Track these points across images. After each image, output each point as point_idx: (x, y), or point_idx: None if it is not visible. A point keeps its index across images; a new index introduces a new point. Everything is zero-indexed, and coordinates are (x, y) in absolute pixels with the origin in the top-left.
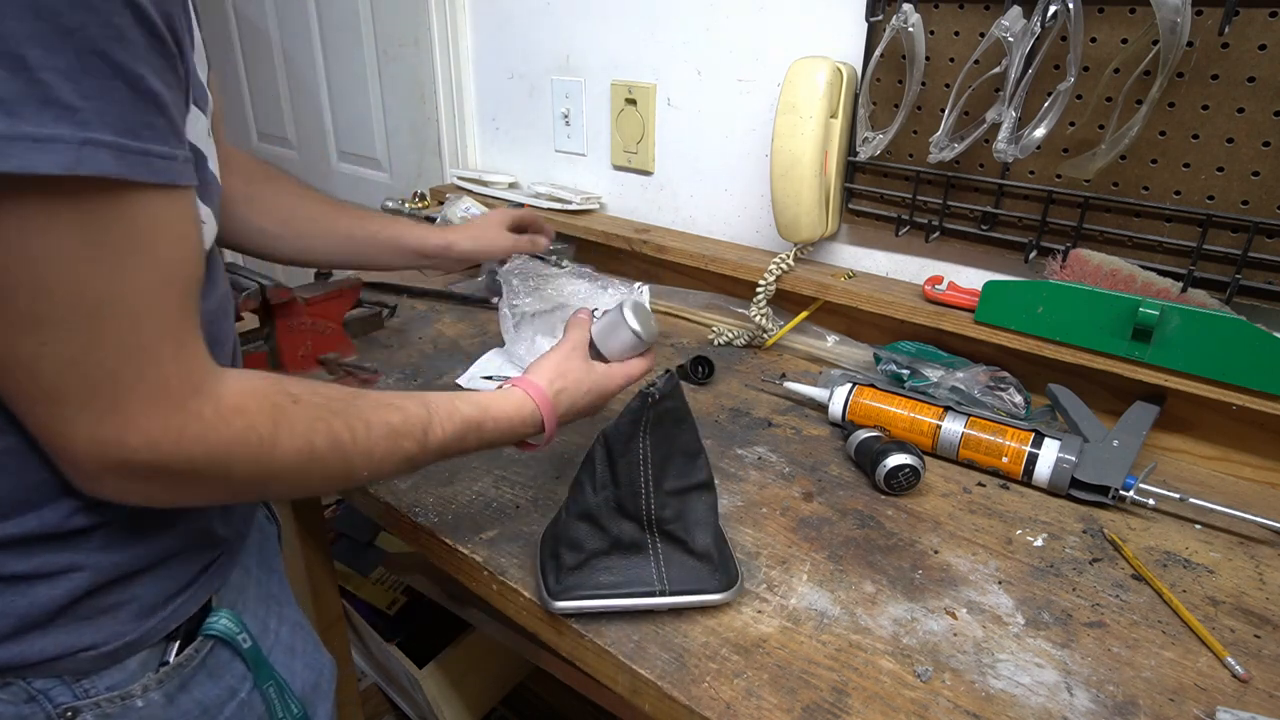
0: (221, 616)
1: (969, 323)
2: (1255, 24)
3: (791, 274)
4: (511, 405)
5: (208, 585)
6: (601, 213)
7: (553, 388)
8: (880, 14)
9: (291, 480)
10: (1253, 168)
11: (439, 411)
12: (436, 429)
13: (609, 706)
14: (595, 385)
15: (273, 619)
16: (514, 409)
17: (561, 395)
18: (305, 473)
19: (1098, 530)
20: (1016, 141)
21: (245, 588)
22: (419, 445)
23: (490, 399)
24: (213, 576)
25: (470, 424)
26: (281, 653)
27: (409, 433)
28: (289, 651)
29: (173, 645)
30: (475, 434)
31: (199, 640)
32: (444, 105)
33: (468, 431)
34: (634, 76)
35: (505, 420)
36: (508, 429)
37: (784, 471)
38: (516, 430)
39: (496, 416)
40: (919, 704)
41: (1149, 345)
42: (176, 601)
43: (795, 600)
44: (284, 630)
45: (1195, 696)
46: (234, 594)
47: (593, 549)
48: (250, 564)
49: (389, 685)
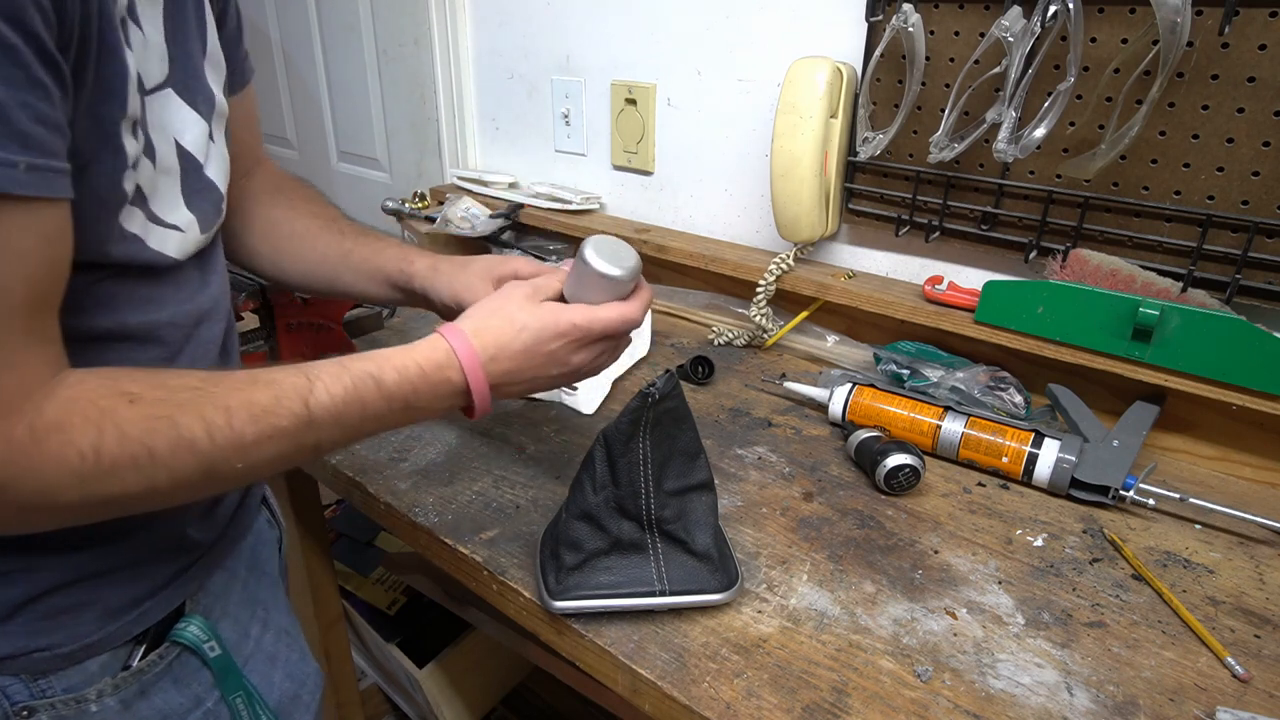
0: (191, 623)
1: (969, 323)
2: (1255, 24)
3: (791, 274)
4: (420, 352)
5: (181, 590)
6: (601, 213)
7: (475, 326)
8: (880, 14)
9: (138, 493)
10: (1253, 168)
11: (324, 375)
12: (321, 394)
13: (609, 706)
14: (538, 324)
15: (256, 625)
16: (423, 355)
17: (486, 335)
18: (151, 482)
19: (1098, 530)
20: (1016, 141)
21: (229, 592)
22: (300, 420)
23: (391, 350)
24: (187, 581)
25: (363, 378)
26: (261, 661)
27: (285, 409)
28: (269, 660)
29: (139, 649)
30: (375, 391)
31: (164, 646)
32: (444, 105)
33: (362, 389)
34: (634, 76)
35: (411, 369)
36: (418, 378)
37: (784, 471)
38: (431, 379)
39: (398, 365)
40: (919, 704)
41: (1149, 345)
42: (144, 605)
43: (795, 600)
44: (267, 637)
45: (1195, 696)
46: (212, 599)
47: (593, 549)
48: (239, 568)
49: (389, 685)
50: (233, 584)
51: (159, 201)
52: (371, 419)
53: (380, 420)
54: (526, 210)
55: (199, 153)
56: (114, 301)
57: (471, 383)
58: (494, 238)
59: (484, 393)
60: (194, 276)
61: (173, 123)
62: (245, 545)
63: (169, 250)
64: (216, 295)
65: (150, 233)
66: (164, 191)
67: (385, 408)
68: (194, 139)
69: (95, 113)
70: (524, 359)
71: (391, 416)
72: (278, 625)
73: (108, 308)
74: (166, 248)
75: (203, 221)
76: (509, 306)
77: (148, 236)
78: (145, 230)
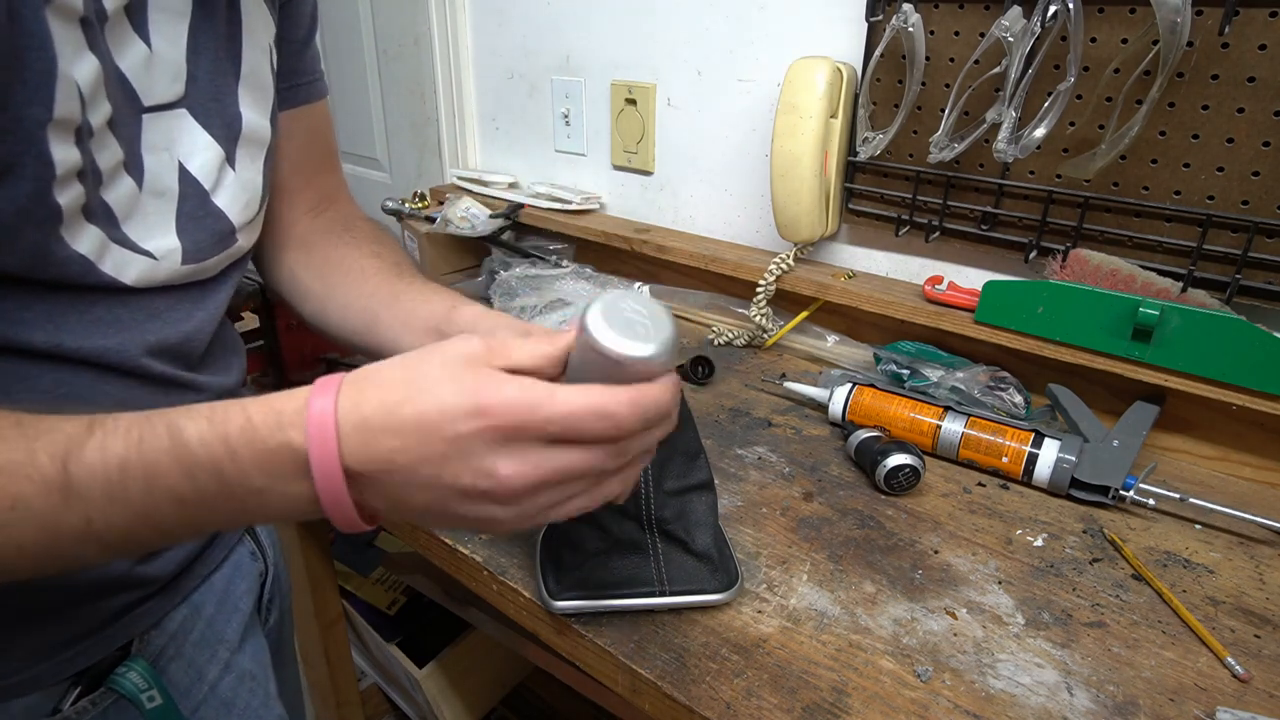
0: (132, 668)
1: (969, 323)
2: (1255, 24)
3: (791, 274)
4: (261, 401)
5: (126, 628)
6: (601, 213)
7: (360, 374)
8: (880, 14)
9: None
10: (1253, 168)
11: (117, 426)
12: (92, 453)
13: (609, 706)
14: (450, 388)
15: (214, 668)
16: (262, 405)
17: (368, 387)
18: None
19: (1098, 530)
20: (1016, 141)
21: (188, 631)
22: (51, 488)
23: (241, 402)
24: (137, 618)
25: (157, 432)
26: (213, 708)
27: (35, 470)
28: (224, 707)
29: (73, 692)
30: (168, 452)
31: (99, 692)
32: (444, 105)
33: (152, 448)
34: (634, 76)
35: (233, 421)
36: (240, 435)
37: (784, 471)
38: (261, 441)
39: (214, 415)
40: (919, 704)
41: (1149, 345)
42: (81, 645)
43: (795, 600)
44: (226, 681)
45: (1195, 696)
46: (166, 638)
47: (593, 549)
48: (206, 604)
49: (389, 685)
50: (194, 621)
51: (137, 224)
52: (165, 498)
53: (182, 504)
54: (526, 210)
55: (206, 178)
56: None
57: (313, 456)
58: (494, 238)
59: (333, 476)
60: (217, 291)
61: (180, 144)
62: (218, 578)
63: (125, 277)
64: (189, 331)
65: (107, 255)
66: (149, 214)
67: (184, 482)
68: (203, 163)
69: (15, 113)
70: (415, 441)
71: (198, 500)
72: (240, 668)
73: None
74: (124, 274)
75: (193, 251)
76: (430, 359)
77: (101, 259)
78: (100, 252)
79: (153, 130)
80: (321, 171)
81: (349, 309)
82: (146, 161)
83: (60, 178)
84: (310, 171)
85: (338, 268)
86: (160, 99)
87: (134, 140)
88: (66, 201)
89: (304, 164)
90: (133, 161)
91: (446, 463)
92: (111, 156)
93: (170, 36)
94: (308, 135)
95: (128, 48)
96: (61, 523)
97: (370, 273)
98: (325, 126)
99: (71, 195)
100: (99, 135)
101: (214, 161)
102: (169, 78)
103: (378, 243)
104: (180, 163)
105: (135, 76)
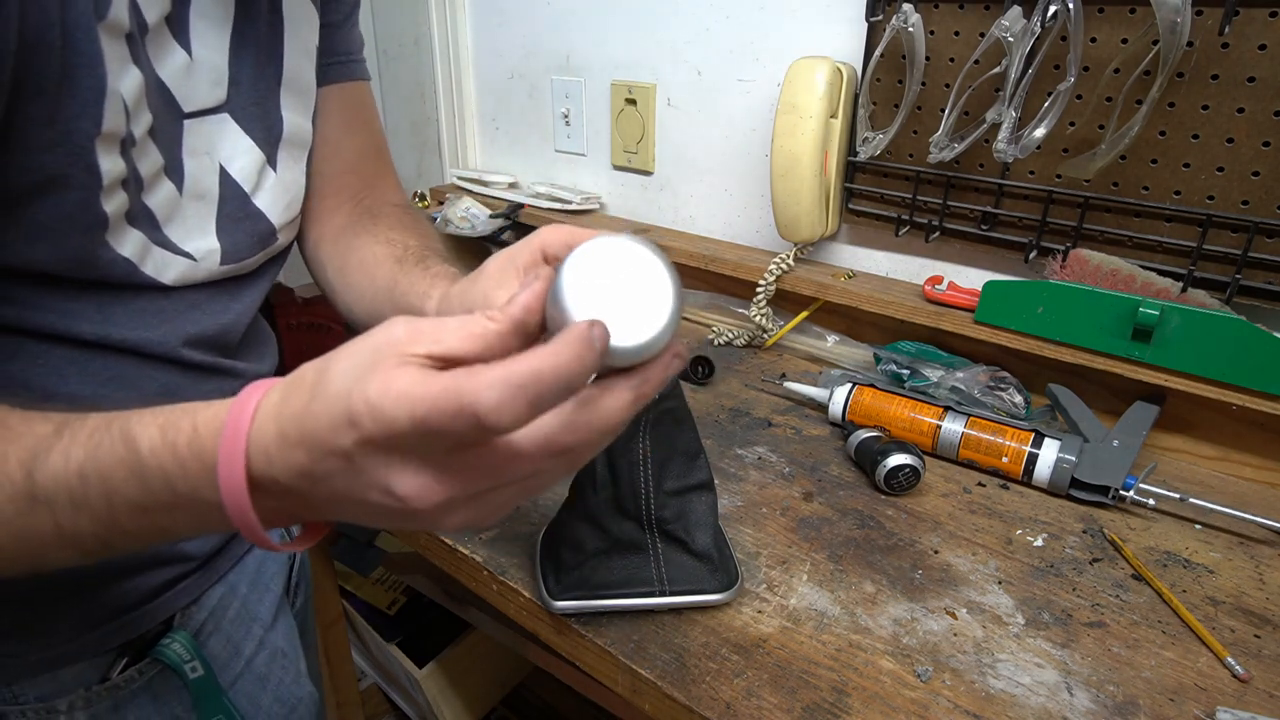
0: (175, 639)
1: (969, 323)
2: (1255, 24)
3: (791, 274)
4: (211, 406)
5: (170, 603)
6: (601, 213)
7: (296, 376)
8: (880, 14)
9: None
10: (1253, 168)
11: (81, 431)
12: (56, 459)
13: (609, 706)
14: (334, 390)
15: (249, 643)
16: (210, 411)
17: (292, 390)
18: None
19: (1098, 530)
20: (1016, 141)
21: (225, 608)
22: (18, 493)
23: (193, 408)
24: (178, 594)
25: (114, 438)
26: (250, 682)
27: (1, 477)
28: (259, 681)
29: (120, 661)
30: (122, 459)
31: (145, 662)
32: (444, 105)
33: (108, 454)
34: (634, 76)
35: (181, 428)
36: (188, 445)
37: (784, 471)
38: (204, 447)
39: (166, 421)
40: (919, 704)
41: (1149, 345)
42: (126, 617)
43: (795, 600)
44: (260, 657)
45: (1195, 696)
46: (206, 614)
47: (593, 549)
48: (240, 583)
49: (389, 685)
50: (230, 599)
51: (178, 226)
52: (125, 507)
53: (144, 512)
54: (526, 210)
55: (246, 181)
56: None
57: (221, 462)
58: (494, 238)
59: (237, 486)
60: (244, 292)
61: (221, 148)
62: (250, 560)
63: (165, 278)
64: (227, 323)
65: (149, 257)
66: (189, 217)
67: (141, 492)
68: (243, 166)
69: (65, 128)
70: (318, 456)
71: (158, 507)
72: (274, 645)
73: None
74: (163, 275)
75: (231, 251)
76: (342, 352)
77: (144, 261)
78: (142, 254)
79: (194, 135)
80: (366, 157)
81: (360, 304)
82: (187, 166)
83: (107, 187)
84: (353, 156)
85: (351, 260)
86: (201, 104)
87: (174, 146)
88: (112, 209)
89: (344, 147)
90: (173, 166)
91: (348, 478)
92: (153, 163)
93: (212, 43)
94: (345, 116)
95: (168, 57)
96: (31, 527)
97: (379, 261)
98: (365, 109)
99: (117, 203)
100: (141, 144)
101: (255, 164)
102: (210, 83)
103: (394, 228)
104: (221, 166)
105: (175, 84)
